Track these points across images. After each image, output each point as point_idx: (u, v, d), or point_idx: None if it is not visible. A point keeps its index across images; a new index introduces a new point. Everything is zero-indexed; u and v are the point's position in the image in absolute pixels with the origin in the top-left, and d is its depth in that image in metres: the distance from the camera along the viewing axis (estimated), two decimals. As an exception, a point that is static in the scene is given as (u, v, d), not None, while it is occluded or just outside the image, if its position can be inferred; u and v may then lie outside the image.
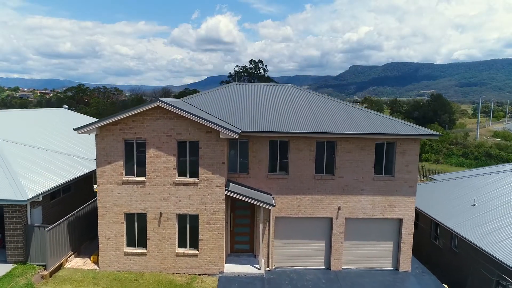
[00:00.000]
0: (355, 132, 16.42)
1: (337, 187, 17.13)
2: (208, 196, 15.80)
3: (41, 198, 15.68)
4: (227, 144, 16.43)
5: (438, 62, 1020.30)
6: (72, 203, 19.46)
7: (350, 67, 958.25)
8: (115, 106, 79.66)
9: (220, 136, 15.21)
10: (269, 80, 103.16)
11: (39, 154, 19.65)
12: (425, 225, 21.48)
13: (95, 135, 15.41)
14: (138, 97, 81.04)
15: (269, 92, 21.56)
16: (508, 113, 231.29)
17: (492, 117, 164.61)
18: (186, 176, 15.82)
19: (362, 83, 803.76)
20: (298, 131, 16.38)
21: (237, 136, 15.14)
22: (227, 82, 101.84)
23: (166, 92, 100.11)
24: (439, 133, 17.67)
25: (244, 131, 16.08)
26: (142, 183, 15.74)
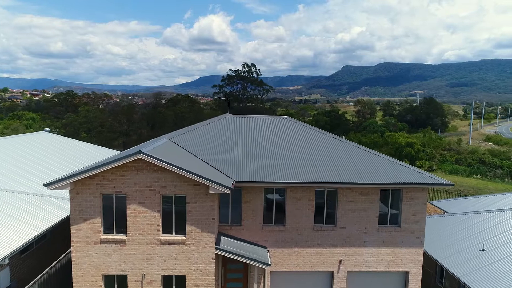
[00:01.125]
0: (358, 181, 14.98)
1: (338, 239, 15.68)
2: (196, 255, 14.22)
3: (7, 261, 13.95)
4: (218, 198, 14.85)
5: (429, 63, 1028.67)
6: (48, 253, 17.72)
7: (342, 67, 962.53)
8: (104, 113, 77.51)
9: (210, 191, 13.65)
10: (262, 84, 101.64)
11: (8, 199, 17.83)
12: (430, 268, 20.17)
13: (69, 190, 13.73)
14: (129, 105, 78.85)
15: (264, 126, 19.99)
16: (499, 114, 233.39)
17: (484, 118, 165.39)
18: (172, 234, 14.21)
19: (355, 83, 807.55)
20: (296, 181, 14.89)
21: (228, 191, 13.57)
22: (220, 86, 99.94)
23: (158, 97, 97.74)
24: (451, 183, 16.28)
25: (237, 181, 14.55)
26: (123, 242, 14.09)
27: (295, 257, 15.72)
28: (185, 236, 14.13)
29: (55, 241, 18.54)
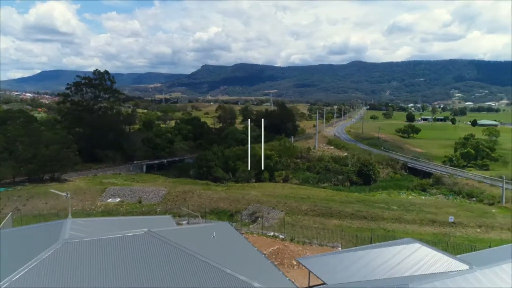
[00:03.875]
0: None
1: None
2: None
3: None
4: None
5: (279, 65, 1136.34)
6: None
7: (202, 66, 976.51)
8: None
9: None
10: (117, 92, 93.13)
11: None
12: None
13: None
14: None
15: (116, 249, 14.79)
16: (335, 114, 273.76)
17: (325, 119, 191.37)
18: None
19: (214, 82, 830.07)
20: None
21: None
22: (66, 95, 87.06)
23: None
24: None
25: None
26: None
27: None
28: None
29: None
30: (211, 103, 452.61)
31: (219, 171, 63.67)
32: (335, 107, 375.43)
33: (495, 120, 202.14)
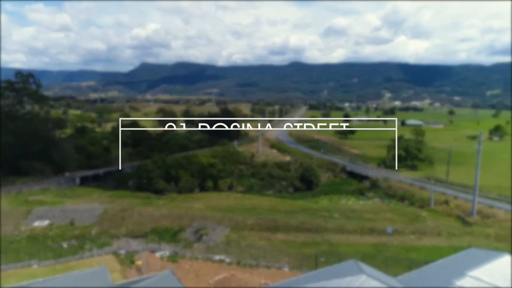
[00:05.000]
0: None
1: None
2: None
3: None
4: None
5: (220, 64, 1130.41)
6: None
7: (140, 64, 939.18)
8: None
9: None
10: (43, 98, 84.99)
11: None
12: None
13: None
14: None
15: None
16: (276, 113, 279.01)
17: (268, 119, 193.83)
18: None
19: (154, 81, 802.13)
20: None
21: None
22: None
23: None
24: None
25: None
26: None
27: None
28: None
29: None
30: (151, 103, 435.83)
31: (160, 183, 61.00)
32: (277, 107, 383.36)
33: (420, 120, 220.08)
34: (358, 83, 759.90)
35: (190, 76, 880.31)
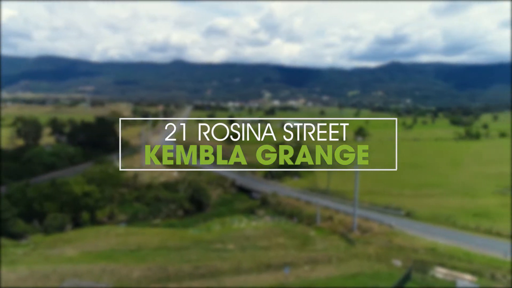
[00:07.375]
0: None
1: None
2: None
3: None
4: None
5: (95, 60, 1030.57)
6: None
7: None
8: None
9: None
10: None
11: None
12: None
13: None
14: None
15: None
16: (160, 114, 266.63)
17: (151, 124, 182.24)
18: None
19: (11, 76, 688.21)
20: None
21: None
22: None
23: None
24: None
25: None
26: None
27: None
28: None
29: None
30: (8, 103, 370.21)
31: (19, 224, 50.02)
32: (161, 107, 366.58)
33: (298, 121, 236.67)
34: (240, 83, 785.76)
35: (58, 71, 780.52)
